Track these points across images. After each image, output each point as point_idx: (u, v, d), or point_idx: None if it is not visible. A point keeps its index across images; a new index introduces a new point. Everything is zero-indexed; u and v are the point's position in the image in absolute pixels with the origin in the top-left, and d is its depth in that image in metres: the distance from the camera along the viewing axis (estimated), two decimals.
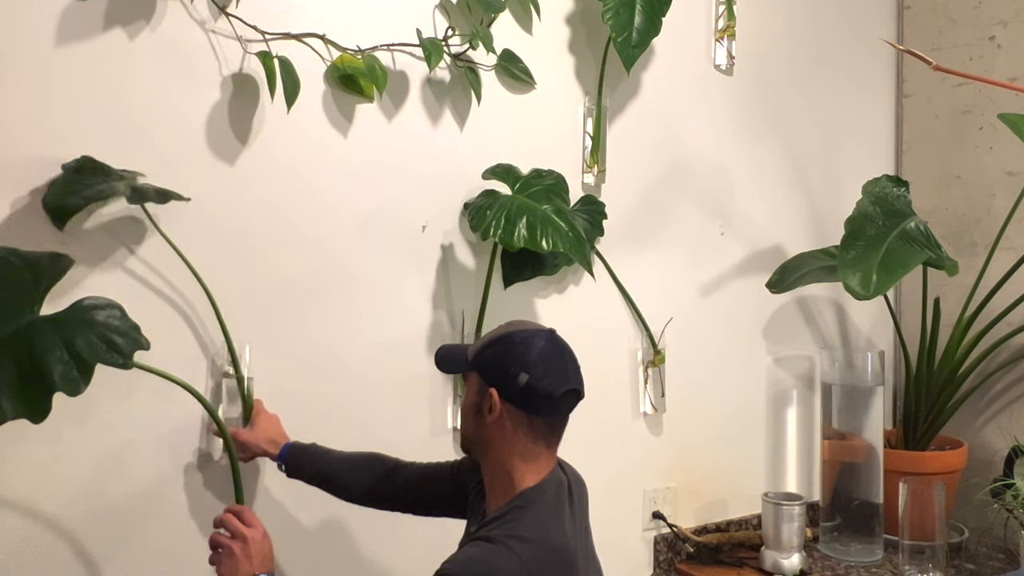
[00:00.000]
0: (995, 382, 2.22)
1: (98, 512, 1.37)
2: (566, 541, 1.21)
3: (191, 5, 1.44)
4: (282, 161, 1.53)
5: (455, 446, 1.74)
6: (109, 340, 1.16)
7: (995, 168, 2.28)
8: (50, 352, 1.12)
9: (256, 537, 1.24)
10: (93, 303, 1.19)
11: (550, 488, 1.25)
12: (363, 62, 1.55)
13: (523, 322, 1.32)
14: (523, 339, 1.25)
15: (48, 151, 1.32)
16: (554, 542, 1.19)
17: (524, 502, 1.22)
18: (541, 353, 1.24)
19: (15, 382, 1.10)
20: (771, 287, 2.07)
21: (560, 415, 1.28)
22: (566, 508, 1.26)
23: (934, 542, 1.87)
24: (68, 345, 1.13)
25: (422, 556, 1.62)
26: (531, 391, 1.23)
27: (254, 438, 1.44)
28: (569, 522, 1.25)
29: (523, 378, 1.22)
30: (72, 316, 1.17)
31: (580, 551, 1.25)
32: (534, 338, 1.25)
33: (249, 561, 1.22)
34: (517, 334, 1.26)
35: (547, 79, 1.83)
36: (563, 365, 1.26)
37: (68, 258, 1.22)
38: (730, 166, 2.14)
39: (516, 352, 1.24)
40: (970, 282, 2.10)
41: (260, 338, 1.50)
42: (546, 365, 1.24)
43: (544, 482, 1.25)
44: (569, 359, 1.28)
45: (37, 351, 1.11)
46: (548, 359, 1.25)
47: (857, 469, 2.03)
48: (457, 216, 1.73)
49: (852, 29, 2.38)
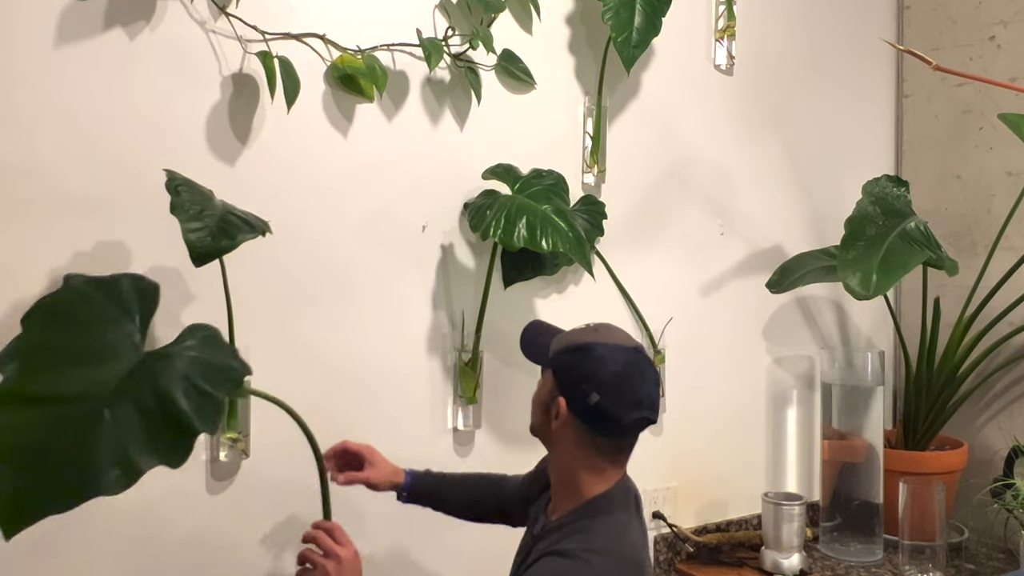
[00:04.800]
0: (995, 382, 2.22)
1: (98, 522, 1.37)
2: (636, 551, 1.21)
3: (191, 5, 1.44)
4: (282, 161, 1.53)
5: (455, 446, 1.74)
6: (221, 370, 1.06)
7: (995, 168, 2.28)
8: (175, 390, 1.00)
9: (349, 557, 1.22)
10: (200, 332, 1.11)
11: (617, 497, 1.24)
12: (363, 62, 1.55)
13: (611, 330, 1.28)
14: (603, 354, 1.22)
15: (48, 151, 1.32)
16: (626, 552, 1.19)
17: (592, 511, 1.21)
18: (617, 375, 1.21)
19: (143, 430, 0.98)
20: (771, 287, 2.07)
21: (627, 439, 1.26)
22: (633, 517, 1.25)
23: (934, 542, 1.87)
24: (189, 380, 1.02)
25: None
26: (599, 412, 1.20)
27: (380, 476, 1.46)
28: (638, 532, 1.25)
29: (593, 398, 1.19)
30: (181, 349, 1.07)
31: (647, 560, 1.25)
32: (615, 354, 1.22)
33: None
34: (600, 347, 1.23)
35: (547, 79, 1.83)
36: (638, 389, 1.22)
37: (149, 280, 1.15)
38: (730, 166, 2.14)
39: (592, 367, 1.21)
40: (970, 282, 2.10)
41: (260, 338, 1.50)
42: (620, 389, 1.20)
43: (612, 491, 1.24)
44: (648, 381, 1.23)
45: (162, 391, 1.00)
46: (624, 382, 1.21)
47: (857, 469, 2.03)
48: (457, 216, 1.73)
49: (852, 29, 2.38)
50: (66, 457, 0.94)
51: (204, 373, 1.03)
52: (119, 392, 0.99)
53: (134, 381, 1.01)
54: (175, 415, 0.99)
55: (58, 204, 1.33)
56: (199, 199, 1.26)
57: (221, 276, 1.38)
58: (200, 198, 1.27)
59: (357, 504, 1.53)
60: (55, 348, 1.01)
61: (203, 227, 1.21)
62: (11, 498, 0.92)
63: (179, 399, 1.00)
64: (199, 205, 1.24)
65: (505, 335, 1.77)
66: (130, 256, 1.39)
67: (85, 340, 1.03)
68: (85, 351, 1.02)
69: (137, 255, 1.39)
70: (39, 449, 0.94)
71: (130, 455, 0.96)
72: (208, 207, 1.25)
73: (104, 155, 1.36)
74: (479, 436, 1.77)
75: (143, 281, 1.14)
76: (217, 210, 1.27)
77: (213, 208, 1.26)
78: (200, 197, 1.27)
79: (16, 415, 0.96)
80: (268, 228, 1.33)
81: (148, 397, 1.00)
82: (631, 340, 1.27)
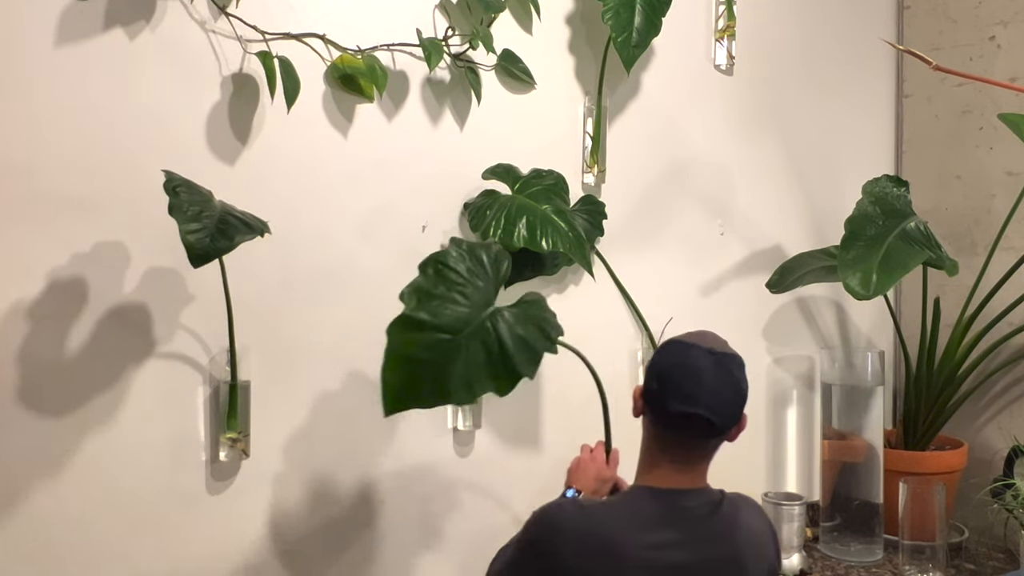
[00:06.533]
0: (995, 382, 2.22)
1: (105, 514, 1.37)
2: (630, 547, 1.22)
3: (191, 5, 1.44)
4: (282, 161, 1.53)
5: (455, 446, 1.74)
6: (542, 329, 1.38)
7: (995, 168, 2.28)
8: (512, 340, 1.34)
9: (585, 462, 1.55)
10: (531, 298, 1.43)
11: (646, 498, 1.28)
12: (363, 62, 1.55)
13: (704, 334, 1.33)
14: (673, 349, 1.30)
15: (48, 151, 1.32)
16: (610, 535, 1.23)
17: (624, 495, 1.36)
18: (675, 366, 1.28)
19: (484, 365, 1.31)
20: (771, 287, 2.07)
21: (675, 432, 1.28)
22: (659, 532, 1.24)
23: (934, 542, 1.87)
24: (520, 334, 1.35)
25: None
26: (653, 399, 1.29)
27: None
28: (646, 546, 1.23)
29: (653, 385, 1.29)
30: (521, 309, 1.39)
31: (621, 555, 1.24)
32: (682, 350, 1.29)
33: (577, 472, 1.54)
34: (676, 343, 1.31)
35: (547, 79, 1.83)
36: (690, 385, 1.26)
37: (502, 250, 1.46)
38: (730, 166, 2.14)
39: (661, 359, 1.31)
40: (970, 282, 2.10)
41: (260, 338, 1.50)
42: (673, 379, 1.27)
43: (651, 490, 1.28)
44: (704, 382, 1.26)
45: (503, 339, 1.33)
46: (680, 375, 1.27)
47: (857, 469, 2.03)
48: (457, 216, 1.73)
49: (852, 29, 2.38)
50: (433, 370, 1.29)
51: (531, 331, 1.37)
52: (474, 333, 1.33)
53: (485, 327, 1.34)
54: (509, 359, 1.33)
55: (58, 204, 1.33)
56: (198, 200, 1.26)
57: (221, 276, 1.38)
58: (199, 199, 1.27)
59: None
60: (438, 290, 1.34)
61: (201, 228, 1.22)
62: (394, 389, 1.28)
63: (512, 348, 1.34)
64: (197, 206, 1.25)
65: None
66: (129, 256, 1.39)
67: (458, 289, 1.35)
68: (457, 296, 1.35)
69: (136, 255, 1.39)
70: (418, 361, 1.29)
71: (473, 380, 1.31)
72: (207, 208, 1.26)
73: (104, 155, 1.36)
74: (479, 436, 1.77)
75: (500, 251, 1.46)
76: (216, 211, 1.27)
77: (212, 209, 1.26)
78: (199, 198, 1.27)
79: (408, 333, 1.29)
80: (267, 228, 1.33)
81: (493, 342, 1.33)
82: (717, 345, 1.30)
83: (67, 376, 1.33)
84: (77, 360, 1.34)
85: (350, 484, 1.61)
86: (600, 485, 1.53)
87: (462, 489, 1.75)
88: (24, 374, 1.30)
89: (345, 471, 1.60)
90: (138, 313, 1.39)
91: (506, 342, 1.33)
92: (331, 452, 1.58)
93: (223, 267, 1.37)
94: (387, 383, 1.27)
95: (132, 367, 1.39)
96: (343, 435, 1.59)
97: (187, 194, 1.26)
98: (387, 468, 1.65)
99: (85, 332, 1.35)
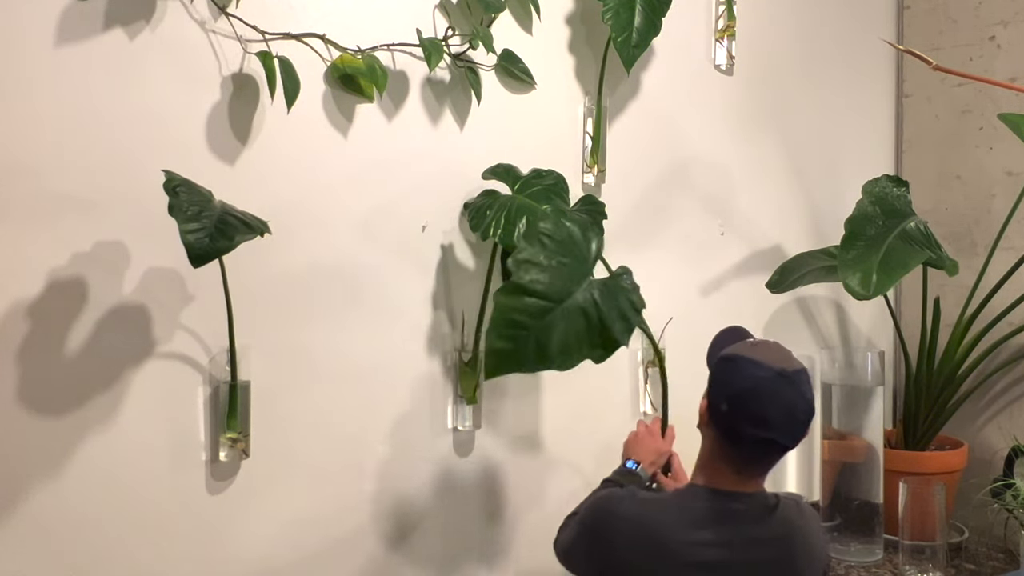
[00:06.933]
0: (995, 382, 2.23)
1: (105, 511, 1.37)
2: (674, 543, 1.28)
3: (191, 5, 1.44)
4: (282, 161, 1.53)
5: (455, 447, 1.74)
6: (632, 303, 1.44)
7: (995, 168, 2.28)
8: (608, 310, 1.39)
9: (643, 435, 1.64)
10: (620, 271, 1.48)
11: (700, 497, 1.32)
12: (363, 62, 1.55)
13: (769, 348, 1.34)
14: (742, 368, 1.29)
15: (47, 151, 1.32)
16: (658, 530, 1.29)
17: (678, 492, 1.39)
18: (747, 391, 1.28)
19: (584, 333, 1.37)
20: (771, 287, 2.07)
21: (751, 454, 1.31)
22: (705, 531, 1.29)
23: (934, 542, 1.87)
24: (616, 304, 1.41)
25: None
26: (726, 422, 1.30)
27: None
28: (690, 543, 1.28)
29: (723, 407, 1.30)
30: (614, 282, 1.45)
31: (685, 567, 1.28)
32: (753, 371, 1.28)
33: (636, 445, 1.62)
34: (744, 361, 1.30)
35: (547, 79, 1.83)
36: (765, 409, 1.26)
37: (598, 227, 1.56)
38: (730, 166, 2.14)
39: (731, 379, 1.31)
40: (970, 282, 2.10)
41: (260, 338, 1.50)
42: (746, 404, 1.27)
43: (706, 490, 1.32)
44: (778, 404, 1.27)
45: (601, 309, 1.39)
46: (752, 399, 1.27)
47: (857, 469, 2.03)
48: (457, 216, 1.73)
49: (852, 29, 2.39)
50: (535, 336, 1.34)
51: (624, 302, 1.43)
52: (575, 302, 1.38)
53: (585, 297, 1.40)
54: (607, 328, 1.39)
55: (58, 204, 1.33)
56: (197, 200, 1.26)
57: (221, 276, 1.38)
58: (198, 199, 1.27)
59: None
60: (542, 260, 1.40)
61: (201, 228, 1.22)
62: (496, 354, 1.34)
63: (609, 318, 1.39)
64: (197, 206, 1.25)
65: None
66: (129, 256, 1.39)
67: (560, 259, 1.41)
68: (560, 267, 1.41)
69: (136, 255, 1.39)
70: (521, 325, 1.34)
71: (572, 347, 1.36)
72: (206, 208, 1.26)
73: (104, 155, 1.36)
74: (479, 436, 1.77)
75: (597, 228, 1.54)
76: (215, 211, 1.27)
77: (211, 209, 1.26)
78: (198, 198, 1.27)
79: (514, 300, 1.35)
80: (267, 228, 1.33)
81: (592, 311, 1.39)
82: (783, 362, 1.30)
83: (67, 376, 1.33)
84: (77, 360, 1.34)
85: (350, 484, 1.61)
86: (657, 458, 1.61)
87: (462, 489, 1.75)
88: (24, 374, 1.30)
89: (345, 471, 1.60)
90: (138, 313, 1.39)
91: (604, 312, 1.39)
92: (331, 452, 1.58)
93: (223, 267, 1.37)
94: (492, 346, 1.34)
95: (132, 367, 1.39)
96: (343, 435, 1.59)
97: (187, 194, 1.26)
98: (387, 468, 1.64)
99: (85, 332, 1.35)
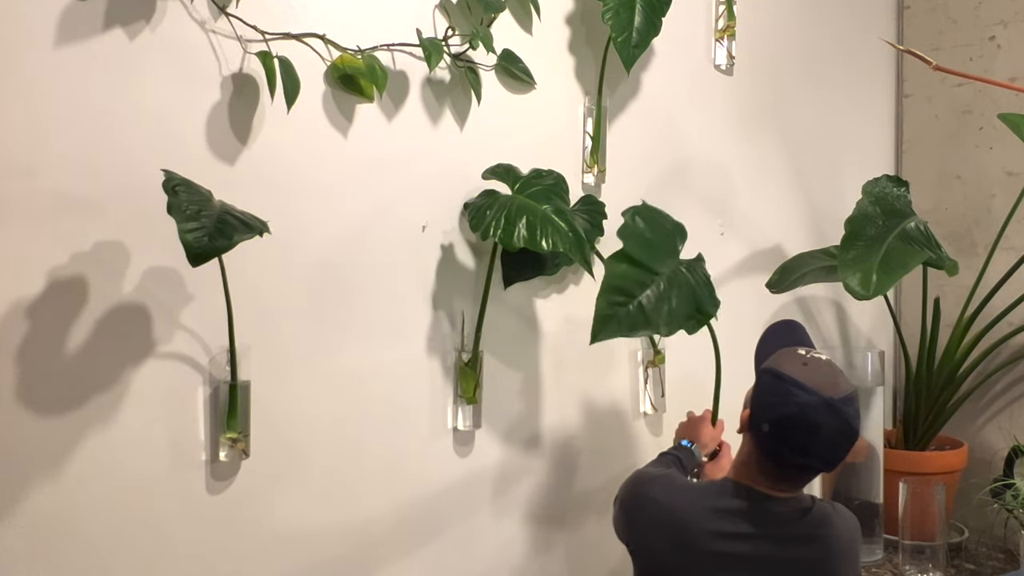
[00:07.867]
0: (995, 382, 2.23)
1: (96, 515, 1.37)
2: (696, 528, 1.32)
3: (191, 5, 1.44)
4: (282, 161, 1.53)
5: (455, 446, 1.74)
6: (708, 282, 1.62)
7: (995, 168, 2.28)
8: (699, 285, 1.58)
9: (697, 421, 1.74)
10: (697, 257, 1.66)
11: (730, 490, 1.34)
12: (363, 62, 1.55)
13: (820, 370, 1.31)
14: (789, 391, 1.28)
15: (47, 151, 1.32)
16: (682, 516, 1.34)
17: (712, 482, 1.44)
18: (789, 418, 1.27)
19: (684, 302, 1.54)
20: (771, 287, 2.07)
21: (785, 475, 1.32)
22: (731, 523, 1.31)
23: (934, 542, 1.87)
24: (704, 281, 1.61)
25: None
26: (767, 441, 1.31)
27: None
28: (712, 533, 1.31)
29: (764, 428, 1.30)
30: (697, 263, 1.64)
31: (697, 539, 1.32)
32: (800, 397, 1.26)
33: (691, 428, 1.72)
34: (792, 383, 1.28)
35: (547, 79, 1.83)
36: (807, 440, 1.27)
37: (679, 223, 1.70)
38: (730, 166, 2.14)
39: (773, 400, 1.30)
40: (970, 282, 2.10)
41: (260, 338, 1.50)
42: (787, 431, 1.28)
43: (737, 485, 1.34)
44: (821, 435, 1.27)
45: (693, 284, 1.57)
46: (794, 428, 1.27)
47: (857, 469, 2.04)
48: (457, 216, 1.73)
49: (852, 29, 2.39)
50: (636, 303, 1.50)
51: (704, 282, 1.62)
52: (675, 274, 1.57)
53: (682, 271, 1.59)
54: (700, 301, 1.58)
55: (58, 204, 1.33)
56: (196, 199, 1.26)
57: (221, 276, 1.38)
58: (198, 198, 1.27)
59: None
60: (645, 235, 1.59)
61: (200, 227, 1.22)
62: (602, 317, 1.48)
63: (702, 296, 1.58)
64: (196, 205, 1.24)
65: (505, 335, 1.77)
66: (129, 256, 1.39)
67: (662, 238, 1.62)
68: (658, 243, 1.61)
69: (136, 255, 1.39)
70: (625, 291, 1.51)
71: (672, 316, 1.53)
72: (205, 207, 1.25)
73: (104, 155, 1.36)
74: (479, 436, 1.77)
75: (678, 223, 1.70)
76: (214, 210, 1.26)
77: (210, 208, 1.26)
78: (198, 197, 1.27)
79: (620, 267, 1.53)
80: (266, 228, 1.33)
81: (686, 284, 1.57)
82: (832, 388, 1.28)
83: (67, 376, 1.33)
84: (77, 360, 1.34)
85: (350, 484, 1.61)
86: (710, 442, 1.69)
87: (462, 489, 1.75)
88: (24, 374, 1.30)
89: (345, 471, 1.60)
90: (138, 313, 1.39)
91: (695, 286, 1.56)
92: (331, 452, 1.58)
93: (223, 267, 1.37)
94: (599, 310, 1.47)
95: (132, 367, 1.39)
96: (343, 435, 1.58)
97: (186, 193, 1.26)
98: (387, 468, 1.64)
99: (85, 332, 1.35)
